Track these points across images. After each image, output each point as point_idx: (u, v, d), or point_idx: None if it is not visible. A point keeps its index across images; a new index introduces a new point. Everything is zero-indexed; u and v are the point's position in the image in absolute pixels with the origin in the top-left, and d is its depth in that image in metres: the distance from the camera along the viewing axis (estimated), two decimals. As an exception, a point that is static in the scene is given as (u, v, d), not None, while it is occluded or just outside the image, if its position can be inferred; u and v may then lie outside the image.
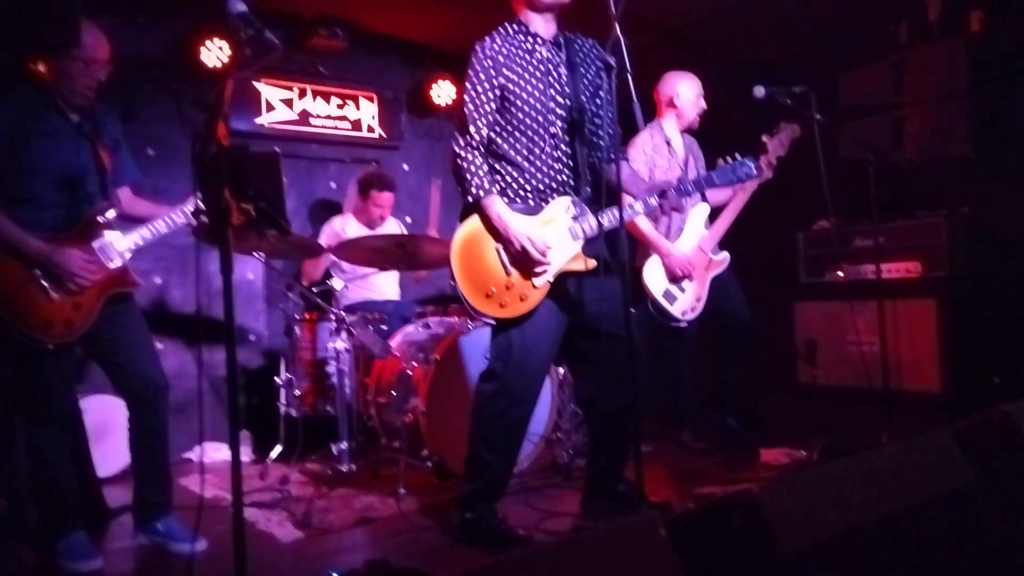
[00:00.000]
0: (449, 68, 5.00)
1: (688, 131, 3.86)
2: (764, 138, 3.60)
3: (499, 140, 2.58)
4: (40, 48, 2.77)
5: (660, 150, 3.71)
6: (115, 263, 2.61)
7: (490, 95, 2.54)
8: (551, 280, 2.55)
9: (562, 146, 2.60)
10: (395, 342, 3.72)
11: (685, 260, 3.57)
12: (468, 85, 2.56)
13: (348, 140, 4.91)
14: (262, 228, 1.72)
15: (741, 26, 4.36)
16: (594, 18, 2.24)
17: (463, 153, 2.54)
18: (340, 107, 4.87)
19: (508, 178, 2.58)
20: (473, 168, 2.52)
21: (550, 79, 2.58)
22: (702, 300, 3.64)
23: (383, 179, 4.39)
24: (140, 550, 2.73)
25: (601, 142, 2.70)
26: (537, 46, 2.59)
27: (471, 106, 2.54)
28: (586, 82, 2.66)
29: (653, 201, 2.56)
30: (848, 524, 1.65)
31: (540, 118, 2.56)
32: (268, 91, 4.58)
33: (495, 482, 2.66)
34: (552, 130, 2.57)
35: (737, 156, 2.56)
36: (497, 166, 2.59)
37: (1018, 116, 3.75)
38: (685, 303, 3.60)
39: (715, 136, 4.00)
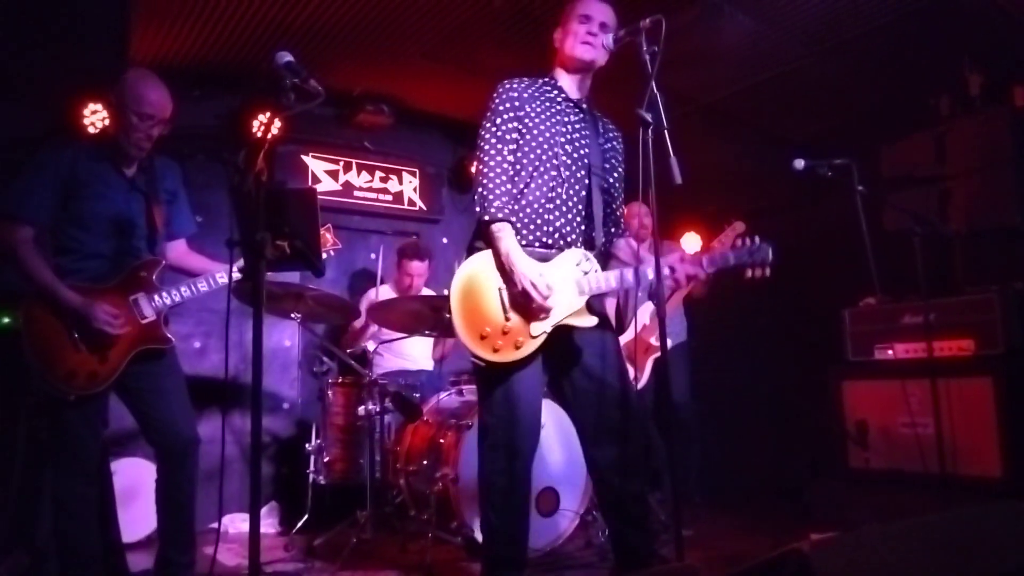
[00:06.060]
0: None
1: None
2: (714, 243, 3.62)
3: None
4: (91, 84, 2.87)
5: None
6: (148, 319, 2.61)
7: (512, 125, 2.51)
8: (548, 331, 2.45)
9: (571, 192, 2.54)
10: (427, 408, 3.66)
11: None
12: (490, 115, 2.52)
13: (389, 212, 5.01)
14: (296, 267, 1.72)
15: (778, 101, 4.39)
16: (628, 79, 2.25)
17: (492, 169, 2.44)
18: (383, 180, 4.99)
19: (515, 217, 2.48)
20: (499, 191, 2.43)
21: (565, 128, 2.56)
22: (640, 380, 3.88)
23: (416, 248, 4.44)
24: (158, 614, 2.64)
25: (615, 209, 2.70)
26: (560, 97, 2.60)
27: (499, 132, 2.48)
28: (605, 150, 2.67)
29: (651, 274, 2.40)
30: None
31: (544, 157, 2.50)
32: (315, 163, 4.74)
33: (508, 545, 2.49)
34: (554, 173, 2.51)
35: (756, 239, 2.44)
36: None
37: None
38: None
39: (754, 211, 3.98)
